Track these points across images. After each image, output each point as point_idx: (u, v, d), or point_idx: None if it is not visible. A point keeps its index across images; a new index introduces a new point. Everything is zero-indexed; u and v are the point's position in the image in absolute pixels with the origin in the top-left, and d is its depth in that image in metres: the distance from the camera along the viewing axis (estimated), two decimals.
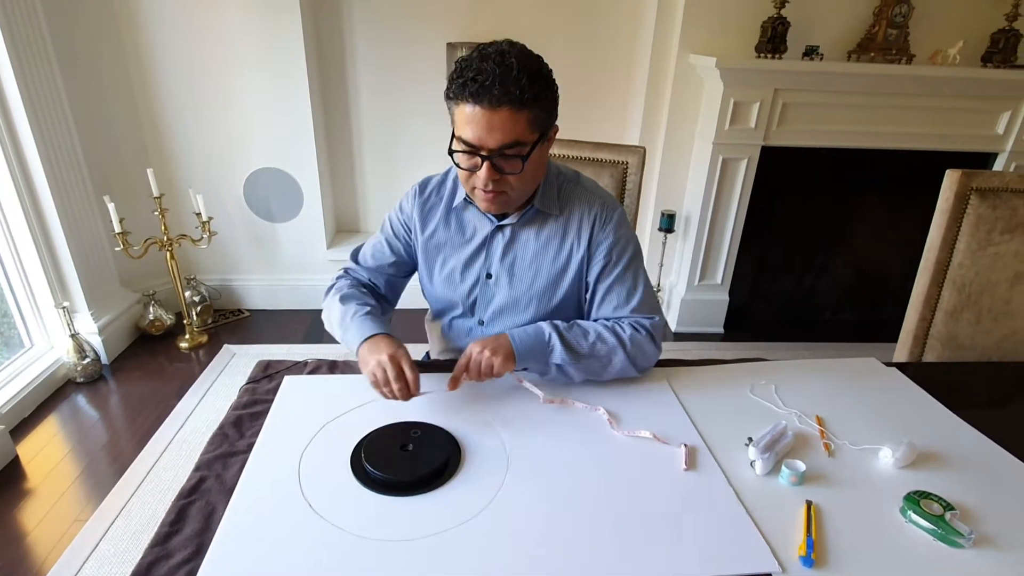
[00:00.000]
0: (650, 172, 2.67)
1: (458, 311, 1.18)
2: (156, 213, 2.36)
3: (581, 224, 1.08)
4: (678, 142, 2.62)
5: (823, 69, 2.30)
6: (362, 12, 2.54)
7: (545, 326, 1.02)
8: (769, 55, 2.31)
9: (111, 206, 2.20)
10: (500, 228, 1.09)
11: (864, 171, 2.62)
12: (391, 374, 0.92)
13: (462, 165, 0.97)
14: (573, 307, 1.14)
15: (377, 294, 1.20)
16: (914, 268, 1.42)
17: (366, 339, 0.99)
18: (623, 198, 1.43)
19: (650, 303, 1.10)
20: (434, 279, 1.17)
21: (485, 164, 0.93)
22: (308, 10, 2.46)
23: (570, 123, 2.74)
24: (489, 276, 1.12)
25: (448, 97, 0.94)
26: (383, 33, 2.58)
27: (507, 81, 0.87)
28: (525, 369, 1.02)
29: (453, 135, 0.95)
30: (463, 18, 2.56)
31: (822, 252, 2.86)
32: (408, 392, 0.93)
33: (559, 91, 0.98)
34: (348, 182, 2.91)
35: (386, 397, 0.94)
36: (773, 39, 2.29)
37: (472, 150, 0.93)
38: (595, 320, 1.10)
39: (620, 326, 1.05)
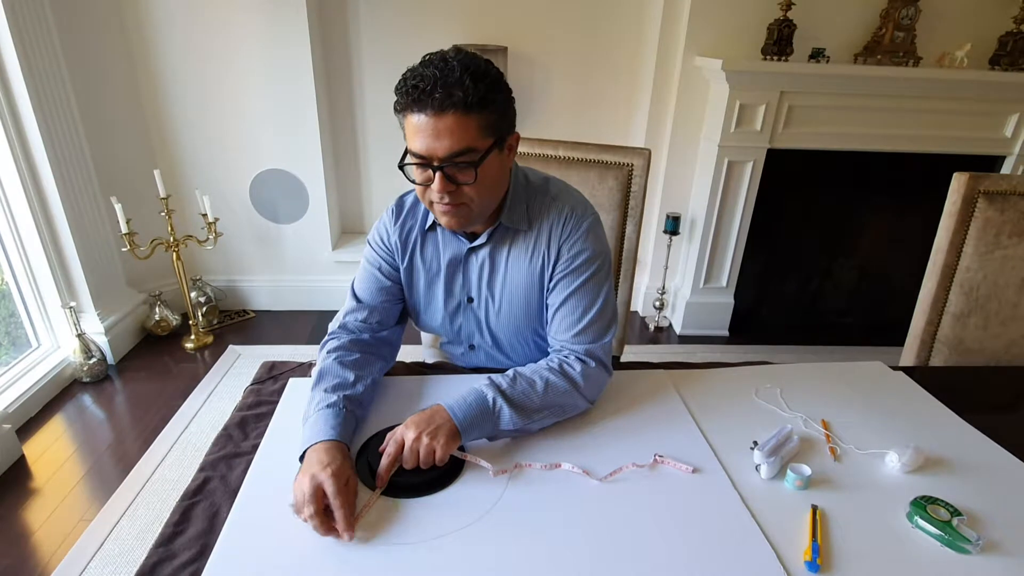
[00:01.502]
0: (655, 174, 2.67)
1: (447, 338, 1.14)
2: (163, 214, 2.37)
3: (551, 235, 1.01)
4: (683, 144, 2.62)
5: (829, 72, 2.30)
6: (368, 15, 2.55)
7: (486, 389, 0.91)
8: (775, 57, 2.30)
9: (118, 207, 2.21)
10: (473, 249, 1.03)
11: (871, 174, 2.61)
12: (308, 511, 0.74)
13: (416, 180, 0.91)
14: None
15: (377, 338, 1.07)
16: (921, 271, 1.41)
17: (309, 446, 0.83)
18: (628, 200, 1.43)
19: (603, 321, 1.02)
20: (419, 307, 1.11)
21: (437, 175, 0.87)
22: (314, 12, 2.47)
23: (575, 125, 2.78)
24: (471, 300, 1.08)
25: (396, 111, 0.88)
26: (389, 36, 2.58)
27: (449, 84, 0.82)
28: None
29: (405, 150, 0.90)
30: (469, 21, 2.56)
31: (828, 255, 2.85)
32: (325, 530, 0.74)
33: (514, 97, 0.92)
34: (353, 184, 2.91)
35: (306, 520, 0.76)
36: (779, 41, 2.28)
37: (423, 162, 0.88)
38: (551, 343, 1.04)
39: (567, 363, 0.98)
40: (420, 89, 0.83)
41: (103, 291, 2.38)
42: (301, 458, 0.83)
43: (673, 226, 2.68)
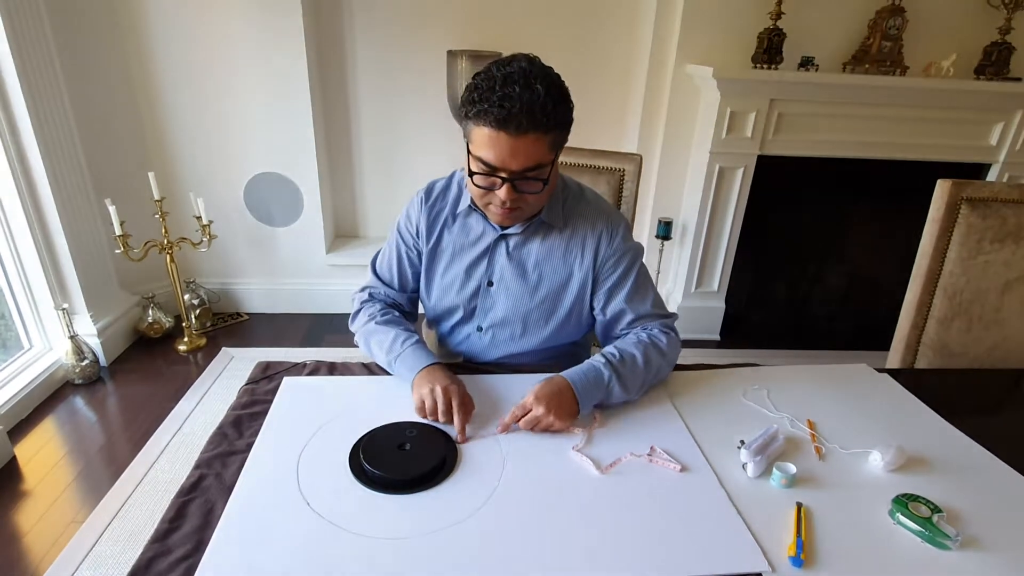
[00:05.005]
0: (647, 180, 2.70)
1: (457, 317, 1.18)
2: (157, 216, 2.37)
3: (586, 240, 1.09)
4: (675, 150, 2.65)
5: (818, 80, 2.33)
6: (363, 19, 2.57)
7: (603, 367, 0.99)
8: (765, 66, 2.33)
9: (112, 209, 2.21)
10: (504, 237, 1.10)
11: (858, 181, 2.64)
12: (441, 407, 0.93)
13: (480, 185, 0.96)
14: (574, 320, 1.15)
15: (403, 312, 1.21)
16: (907, 276, 1.43)
17: (422, 368, 1.00)
18: (620, 205, 1.45)
19: (662, 302, 1.16)
20: (435, 284, 1.17)
21: (505, 186, 0.93)
22: (310, 16, 2.49)
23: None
24: (490, 284, 1.13)
25: (466, 117, 0.91)
26: (384, 40, 2.60)
27: (534, 109, 0.85)
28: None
29: (469, 153, 0.94)
30: (464, 26, 2.58)
31: (817, 260, 2.89)
32: (450, 419, 0.93)
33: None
34: (348, 187, 2.92)
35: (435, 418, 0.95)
36: (769, 50, 2.32)
37: (491, 171, 0.92)
38: (620, 329, 1.13)
39: (657, 337, 1.08)
40: (506, 110, 0.86)
41: (96, 293, 2.38)
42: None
43: (665, 231, 2.70)
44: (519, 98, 0.85)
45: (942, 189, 1.35)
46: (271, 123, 2.57)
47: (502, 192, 0.93)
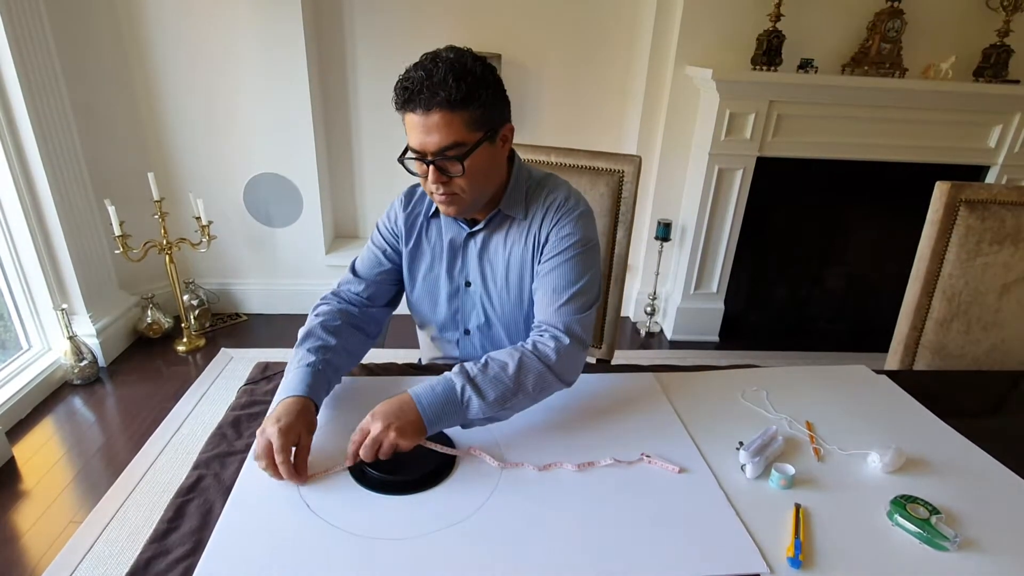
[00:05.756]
0: (646, 181, 2.70)
1: (442, 323, 1.17)
2: (156, 217, 2.37)
3: (542, 221, 1.05)
4: (674, 152, 2.65)
5: (817, 82, 2.34)
6: (363, 20, 2.57)
7: (456, 378, 0.90)
8: (764, 68, 2.34)
9: (111, 209, 2.21)
10: (472, 235, 1.09)
11: (857, 183, 2.65)
12: (260, 463, 0.83)
13: (414, 171, 0.99)
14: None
15: (365, 312, 1.13)
16: (905, 278, 1.44)
17: (281, 400, 0.90)
18: (619, 206, 1.45)
19: (585, 297, 1.03)
20: (416, 290, 1.16)
21: (430, 168, 0.94)
22: (310, 17, 2.49)
23: (567, 131, 2.81)
24: (468, 284, 1.13)
25: (396, 110, 0.95)
26: (384, 41, 2.61)
27: (434, 84, 0.88)
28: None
29: (407, 145, 0.97)
30: (464, 28, 2.59)
31: (816, 261, 2.89)
32: (280, 474, 0.82)
33: (505, 89, 0.98)
34: (347, 188, 2.93)
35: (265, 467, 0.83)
36: (768, 52, 2.32)
37: (419, 156, 0.95)
38: (536, 318, 1.05)
39: (541, 342, 0.97)
40: (409, 90, 0.90)
41: (95, 293, 2.38)
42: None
43: (664, 232, 2.71)
44: (418, 78, 0.89)
45: (941, 191, 1.35)
46: (271, 123, 2.57)
47: (429, 175, 0.95)
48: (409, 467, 0.85)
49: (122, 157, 2.51)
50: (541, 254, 1.05)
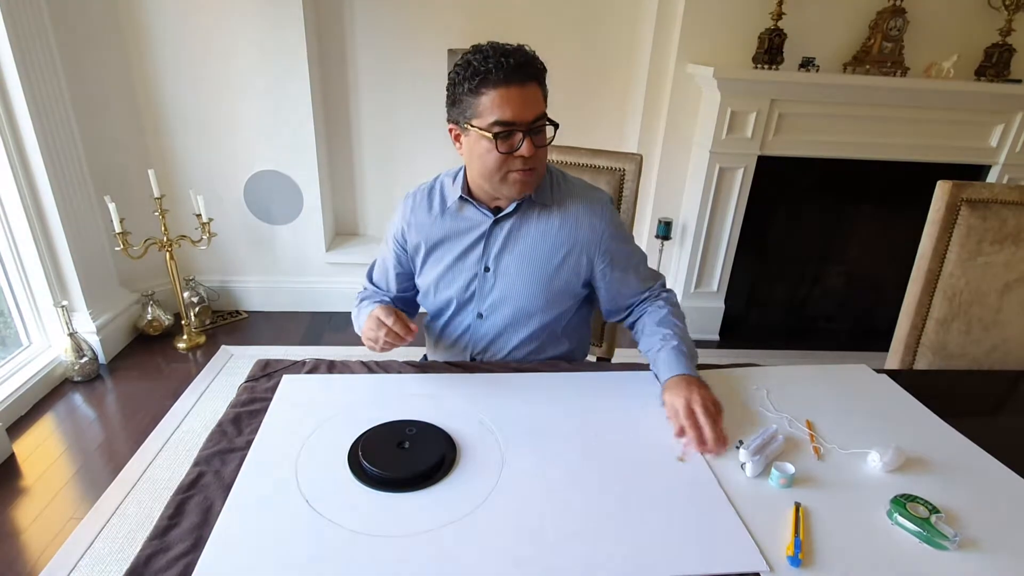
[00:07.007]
0: (647, 179, 2.70)
1: (455, 306, 1.20)
2: (156, 214, 2.37)
3: (579, 215, 1.13)
4: (675, 150, 2.65)
5: (819, 81, 2.33)
6: (364, 18, 2.57)
7: (681, 345, 1.08)
8: (766, 66, 2.33)
9: (112, 206, 2.21)
10: (498, 221, 1.13)
11: (858, 181, 2.64)
12: (378, 328, 1.03)
13: (503, 149, 1.01)
14: (569, 295, 1.19)
15: (396, 301, 1.26)
16: (906, 277, 1.43)
17: (371, 312, 1.07)
18: (620, 205, 1.45)
19: (647, 260, 1.24)
20: (431, 277, 1.19)
21: (527, 139, 0.99)
22: (311, 14, 2.49)
23: (568, 130, 2.77)
24: (488, 269, 1.16)
25: (467, 93, 0.98)
26: (384, 38, 2.60)
27: (527, 59, 0.98)
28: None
29: (478, 129, 1.00)
30: (463, 25, 2.58)
31: (817, 261, 2.89)
32: (398, 335, 1.02)
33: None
34: (348, 186, 2.92)
35: (383, 350, 1.05)
36: (770, 50, 2.32)
37: (510, 128, 0.98)
38: (630, 298, 1.21)
39: (670, 301, 1.19)
40: (509, 66, 0.96)
41: (95, 290, 2.38)
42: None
43: (665, 231, 2.70)
44: (515, 53, 0.97)
45: (942, 190, 1.35)
46: (271, 121, 2.57)
47: (525, 147, 0.99)
48: (409, 464, 0.85)
49: (123, 154, 2.51)
50: (595, 252, 1.15)
